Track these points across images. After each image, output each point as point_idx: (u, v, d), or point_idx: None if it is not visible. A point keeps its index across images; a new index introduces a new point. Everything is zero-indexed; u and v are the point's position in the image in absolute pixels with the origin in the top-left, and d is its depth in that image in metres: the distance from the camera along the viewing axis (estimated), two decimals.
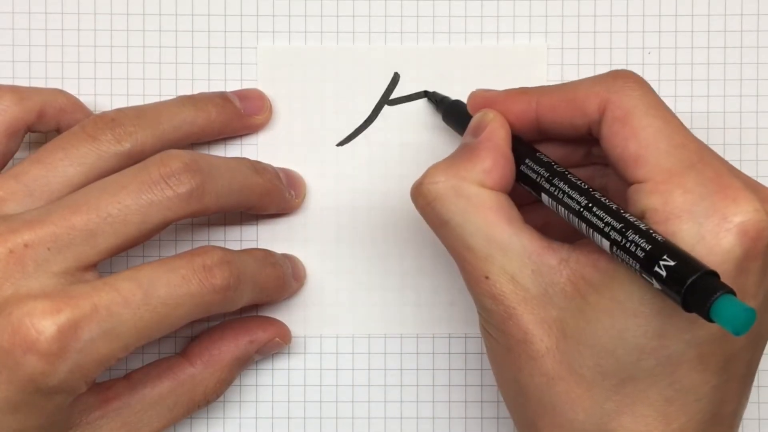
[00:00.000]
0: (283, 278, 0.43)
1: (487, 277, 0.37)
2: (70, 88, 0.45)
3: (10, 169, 0.40)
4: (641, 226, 0.34)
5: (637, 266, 0.33)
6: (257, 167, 0.42)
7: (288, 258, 0.44)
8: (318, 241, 0.45)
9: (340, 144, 0.45)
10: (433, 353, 0.45)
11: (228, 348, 0.43)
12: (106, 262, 0.40)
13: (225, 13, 0.45)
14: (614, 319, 0.35)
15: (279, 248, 0.45)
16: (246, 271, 0.40)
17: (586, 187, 0.36)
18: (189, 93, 0.45)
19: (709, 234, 0.33)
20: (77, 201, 0.38)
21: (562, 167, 0.38)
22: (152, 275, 0.37)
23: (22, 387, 0.36)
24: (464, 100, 0.43)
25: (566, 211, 0.37)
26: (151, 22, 0.45)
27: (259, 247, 0.45)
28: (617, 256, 0.34)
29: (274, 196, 0.43)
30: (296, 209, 0.45)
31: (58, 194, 0.39)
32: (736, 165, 0.44)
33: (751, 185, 0.35)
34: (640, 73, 0.45)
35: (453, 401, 0.45)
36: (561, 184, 0.37)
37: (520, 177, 0.38)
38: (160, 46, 0.45)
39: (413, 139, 0.45)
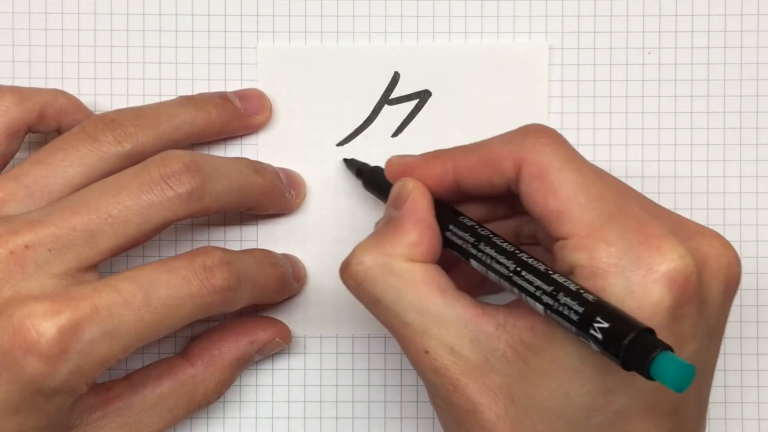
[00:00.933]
0: (283, 278, 0.43)
1: (426, 352, 0.36)
2: (70, 88, 0.45)
3: (11, 170, 0.40)
4: (571, 287, 0.33)
5: (573, 329, 0.33)
6: (257, 167, 0.42)
7: (288, 258, 0.44)
8: (318, 241, 0.45)
9: (340, 144, 0.45)
10: None
11: (228, 348, 0.43)
12: (107, 263, 0.40)
13: (225, 13, 0.45)
14: (558, 381, 0.34)
15: (279, 248, 0.45)
16: (246, 272, 0.40)
17: (513, 249, 0.36)
18: (189, 93, 0.45)
19: (637, 287, 0.33)
20: (78, 202, 0.38)
21: (487, 230, 0.37)
22: (153, 276, 0.37)
23: (23, 388, 0.36)
24: (467, 103, 0.43)
25: (496, 276, 0.36)
26: (151, 22, 0.45)
27: (259, 247, 0.45)
28: (552, 319, 0.34)
29: (275, 196, 0.43)
30: (296, 209, 0.45)
31: (58, 195, 0.39)
32: (736, 165, 0.45)
33: (674, 227, 0.35)
34: (639, 74, 0.45)
35: None
36: (488, 249, 0.36)
37: (447, 243, 0.38)
38: (160, 46, 0.45)
39: (413, 138, 0.45)
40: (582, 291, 0.33)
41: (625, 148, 0.45)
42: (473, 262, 0.37)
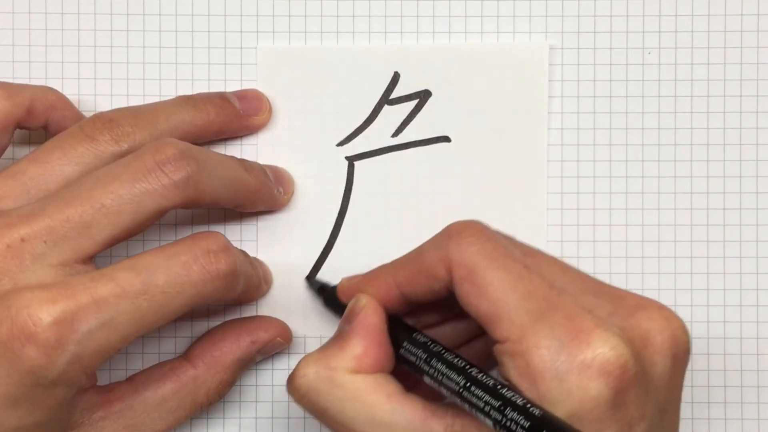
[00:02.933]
0: (259, 277, 0.43)
1: None
2: (70, 88, 0.45)
3: (8, 168, 0.40)
4: (518, 401, 0.34)
5: None
6: (246, 165, 0.42)
7: (256, 260, 0.45)
8: (318, 241, 0.45)
9: (340, 144, 0.45)
10: None
11: (229, 349, 0.43)
12: (107, 252, 0.40)
13: (225, 13, 0.45)
14: None
15: (279, 248, 0.45)
16: (240, 260, 0.40)
17: (464, 364, 0.36)
18: (189, 93, 0.44)
19: (574, 386, 0.33)
20: (71, 193, 0.38)
21: (440, 346, 0.37)
22: (151, 263, 0.37)
23: (22, 380, 0.36)
24: (467, 103, 0.43)
25: (447, 392, 0.36)
26: (151, 23, 0.45)
27: (260, 247, 0.45)
28: None
29: (263, 193, 0.43)
30: (284, 206, 0.45)
31: None
32: (735, 166, 0.45)
33: (614, 306, 0.35)
34: (639, 74, 0.45)
35: None
36: (439, 365, 0.37)
37: (402, 360, 0.38)
38: (160, 47, 0.45)
39: (413, 138, 0.45)
40: (529, 405, 0.33)
41: (625, 148, 0.45)
42: (426, 378, 0.38)
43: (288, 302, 0.45)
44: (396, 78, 0.45)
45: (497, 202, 0.45)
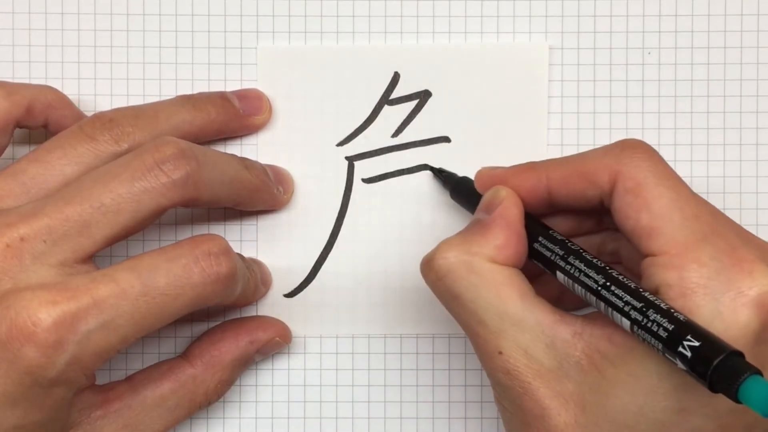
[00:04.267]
0: (256, 280, 0.43)
1: (500, 352, 0.36)
2: (70, 88, 0.45)
3: (8, 168, 0.40)
4: (662, 305, 0.33)
5: (660, 346, 0.33)
6: (246, 163, 0.42)
7: (256, 263, 0.44)
8: (317, 241, 0.45)
9: (340, 144, 0.45)
10: (433, 353, 0.45)
11: (228, 349, 0.43)
12: (106, 253, 0.40)
13: (225, 13, 0.45)
14: (633, 395, 0.34)
15: (279, 248, 0.45)
16: (239, 264, 0.40)
17: (603, 265, 0.36)
18: (189, 93, 0.44)
19: (726, 309, 0.33)
20: (71, 192, 0.38)
21: (576, 245, 0.38)
22: (152, 265, 0.37)
23: (21, 379, 0.36)
24: (467, 103, 0.43)
25: (583, 289, 0.36)
26: (151, 23, 0.45)
27: (260, 246, 0.45)
28: (638, 335, 0.34)
29: (263, 192, 0.43)
30: (285, 205, 0.45)
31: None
32: (736, 165, 0.45)
33: (763, 253, 0.35)
34: (639, 74, 0.45)
35: (453, 401, 0.45)
36: (577, 263, 0.37)
37: (533, 254, 0.38)
38: (160, 47, 0.45)
39: (413, 138, 0.45)
40: (673, 310, 0.33)
41: None
42: (560, 275, 0.37)
43: (288, 302, 0.45)
44: (396, 78, 0.45)
45: None
